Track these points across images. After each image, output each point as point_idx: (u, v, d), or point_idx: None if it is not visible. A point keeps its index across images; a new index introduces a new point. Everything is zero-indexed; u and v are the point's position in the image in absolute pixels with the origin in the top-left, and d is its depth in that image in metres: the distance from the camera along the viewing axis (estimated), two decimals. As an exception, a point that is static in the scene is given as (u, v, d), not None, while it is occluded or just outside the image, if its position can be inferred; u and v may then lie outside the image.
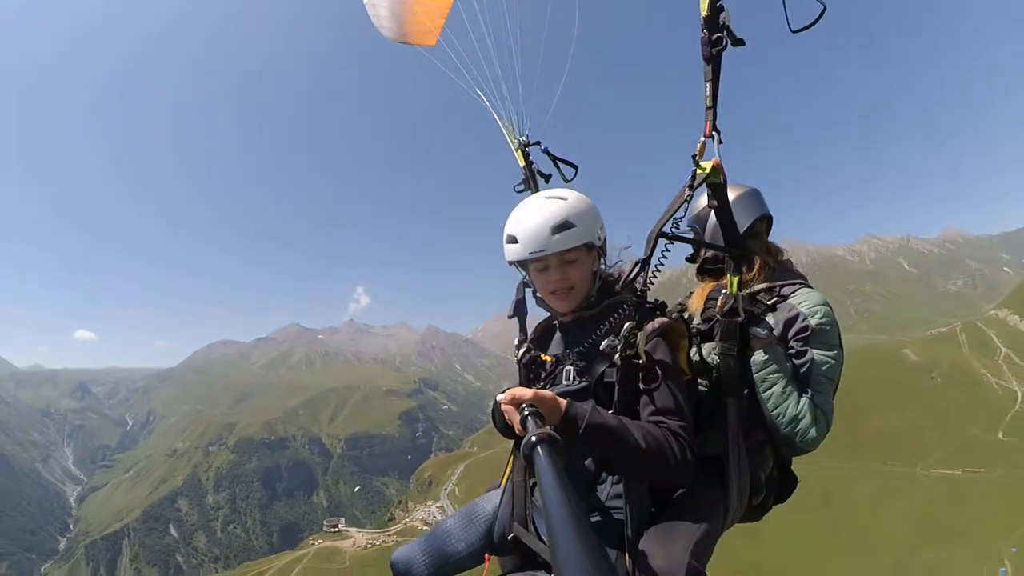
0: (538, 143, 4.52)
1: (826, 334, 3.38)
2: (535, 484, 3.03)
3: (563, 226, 2.92)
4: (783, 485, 3.63)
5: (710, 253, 3.85)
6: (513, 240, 3.02)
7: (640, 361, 2.82)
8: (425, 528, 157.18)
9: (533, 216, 2.98)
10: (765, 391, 3.15)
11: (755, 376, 3.16)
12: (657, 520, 2.80)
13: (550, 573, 2.93)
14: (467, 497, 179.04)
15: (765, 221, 3.99)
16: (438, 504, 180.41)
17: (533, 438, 1.87)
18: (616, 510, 2.83)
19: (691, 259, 4.01)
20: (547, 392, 2.58)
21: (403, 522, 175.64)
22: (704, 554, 2.70)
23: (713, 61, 2.86)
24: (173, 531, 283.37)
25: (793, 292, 3.61)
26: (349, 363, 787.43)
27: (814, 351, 3.32)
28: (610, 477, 2.91)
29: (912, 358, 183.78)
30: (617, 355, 2.81)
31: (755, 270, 3.73)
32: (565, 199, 3.02)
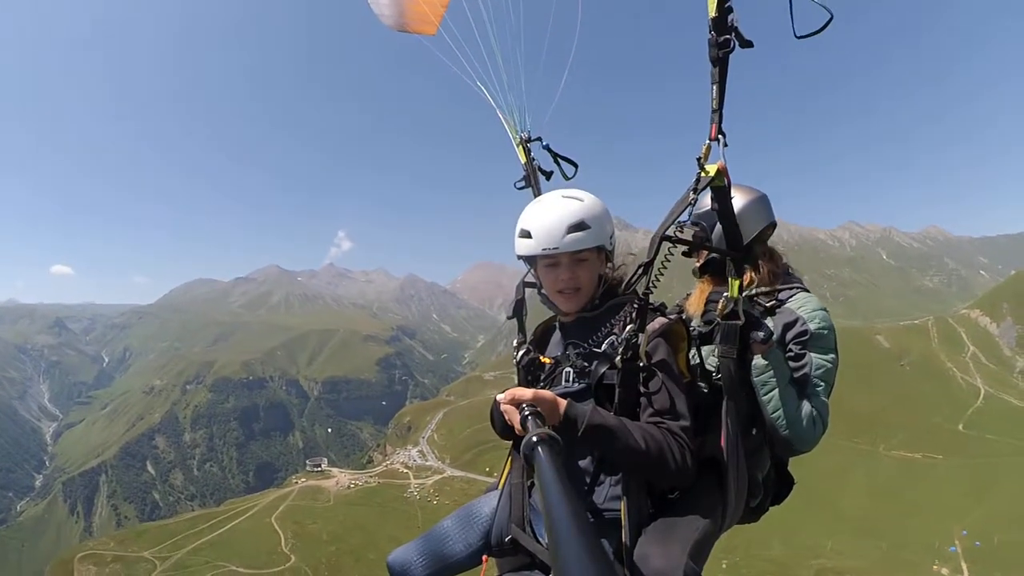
0: (539, 139, 4.49)
1: (824, 338, 3.46)
2: (532, 485, 3.07)
3: (579, 226, 2.93)
4: (780, 486, 3.71)
5: (712, 254, 3.88)
6: (527, 235, 3.02)
7: (640, 363, 2.84)
8: (406, 471, 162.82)
9: (550, 213, 2.99)
10: (765, 394, 3.17)
11: (755, 379, 3.18)
12: (655, 520, 2.83)
13: (548, 574, 2.93)
14: (446, 443, 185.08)
15: (771, 227, 4.00)
16: (417, 448, 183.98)
17: (533, 438, 1.89)
18: (615, 511, 2.84)
19: (688, 254, 3.99)
20: (547, 392, 2.60)
21: (384, 464, 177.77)
22: (702, 555, 2.73)
23: (720, 63, 2.85)
24: (150, 468, 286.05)
25: (792, 296, 3.66)
26: (328, 307, 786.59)
27: (812, 355, 3.39)
28: (609, 478, 2.91)
29: (884, 345, 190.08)
30: (618, 357, 2.83)
31: (760, 275, 3.79)
32: (582, 200, 3.04)
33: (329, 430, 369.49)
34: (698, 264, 4.07)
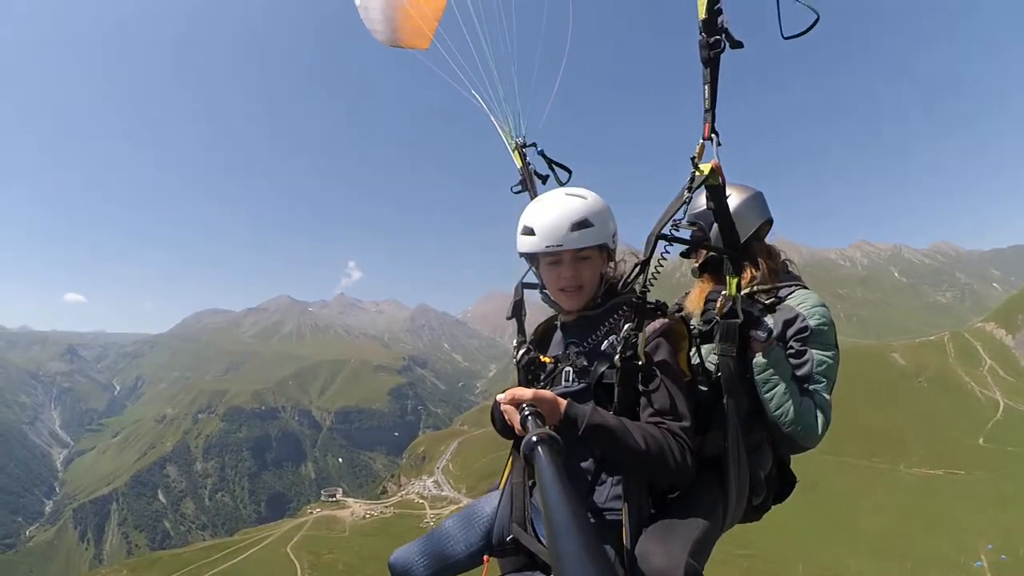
0: (534, 145, 4.49)
1: (824, 334, 3.45)
2: (533, 485, 3.03)
3: (582, 224, 2.94)
4: (782, 484, 3.70)
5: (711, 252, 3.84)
6: (530, 232, 3.02)
7: (640, 362, 2.82)
8: (421, 501, 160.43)
9: (553, 210, 3.00)
10: (767, 392, 3.16)
11: (757, 377, 3.17)
12: (656, 520, 2.82)
13: (549, 574, 2.98)
14: (462, 472, 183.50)
15: (768, 224, 4.02)
16: (433, 479, 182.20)
17: (533, 438, 1.88)
18: (615, 511, 2.83)
19: (686, 255, 3.99)
20: (547, 392, 2.60)
21: (399, 495, 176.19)
22: (703, 553, 2.73)
23: (711, 64, 2.86)
24: (161, 497, 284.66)
25: (791, 293, 3.68)
26: (339, 337, 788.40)
27: (813, 351, 3.39)
28: (609, 478, 2.91)
29: (900, 362, 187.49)
30: (617, 356, 2.82)
31: (758, 273, 3.80)
32: (586, 198, 3.05)
33: (340, 460, 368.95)
34: (696, 264, 4.03)
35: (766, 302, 3.47)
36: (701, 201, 3.68)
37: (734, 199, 3.60)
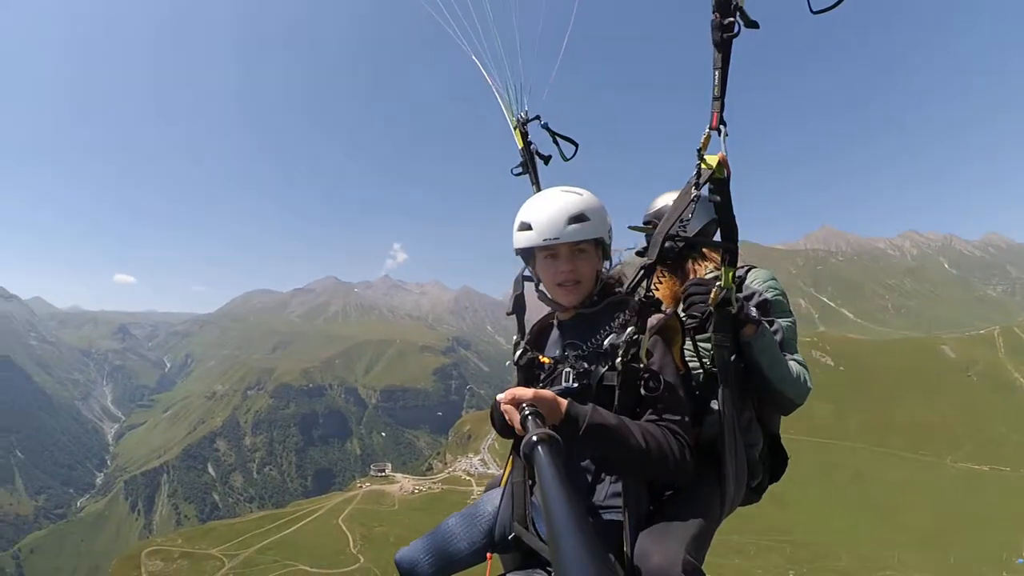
0: (537, 118, 4.40)
1: (781, 304, 3.68)
2: (534, 484, 3.06)
3: (579, 218, 2.95)
4: (775, 462, 3.71)
5: (667, 244, 3.56)
6: (527, 227, 3.03)
7: (641, 364, 2.84)
8: (468, 478, 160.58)
9: (550, 205, 3.01)
10: (770, 367, 3.23)
11: (759, 357, 3.22)
12: (654, 518, 2.83)
13: (550, 571, 2.96)
14: (507, 451, 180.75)
15: (714, 223, 3.79)
16: (479, 457, 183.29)
17: (533, 438, 1.87)
18: (614, 509, 2.85)
19: (641, 253, 3.70)
20: (547, 392, 2.59)
21: (447, 471, 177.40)
22: (701, 548, 2.74)
23: (723, 47, 2.73)
24: (211, 470, 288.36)
25: (746, 273, 3.85)
26: (384, 317, 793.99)
27: (779, 320, 3.56)
28: (609, 476, 2.93)
29: (950, 355, 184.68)
30: (619, 360, 2.82)
31: (707, 263, 3.91)
32: (581, 194, 3.06)
33: (384, 434, 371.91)
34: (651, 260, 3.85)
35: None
36: (658, 201, 3.87)
37: (685, 199, 3.52)
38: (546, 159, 4.37)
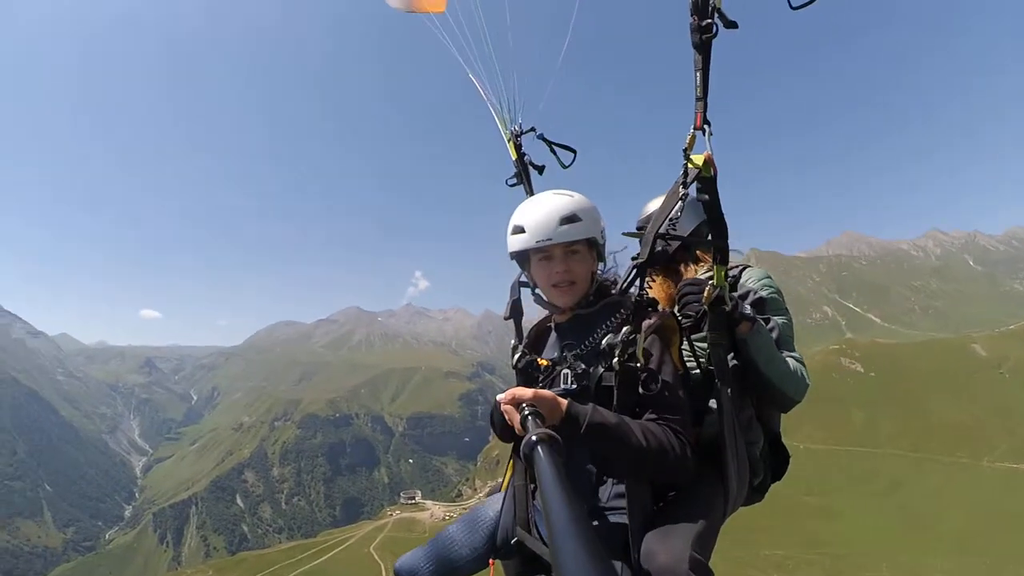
0: (532, 129, 4.47)
1: (776, 301, 3.67)
2: (536, 488, 2.98)
3: (571, 219, 2.97)
4: (776, 461, 3.70)
5: (659, 247, 3.69)
6: (520, 230, 3.05)
7: (639, 364, 2.83)
8: None
9: (542, 207, 3.04)
10: (767, 365, 3.22)
11: (755, 355, 3.21)
12: (658, 518, 2.82)
13: None
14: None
15: (706, 225, 3.67)
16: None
17: (533, 438, 1.88)
18: (618, 510, 2.85)
19: (636, 257, 3.61)
20: (547, 392, 2.58)
21: (476, 497, 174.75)
22: (706, 546, 2.73)
23: (703, 49, 2.76)
24: (239, 501, 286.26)
25: (740, 272, 3.87)
26: (408, 345, 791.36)
27: (775, 318, 3.54)
28: (611, 478, 2.94)
29: (981, 353, 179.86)
30: (616, 359, 2.82)
31: (700, 265, 3.95)
32: (572, 196, 3.08)
33: (411, 461, 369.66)
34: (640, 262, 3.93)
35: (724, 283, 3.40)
36: (650, 206, 3.86)
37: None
38: (540, 169, 4.42)
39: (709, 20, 2.69)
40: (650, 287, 3.80)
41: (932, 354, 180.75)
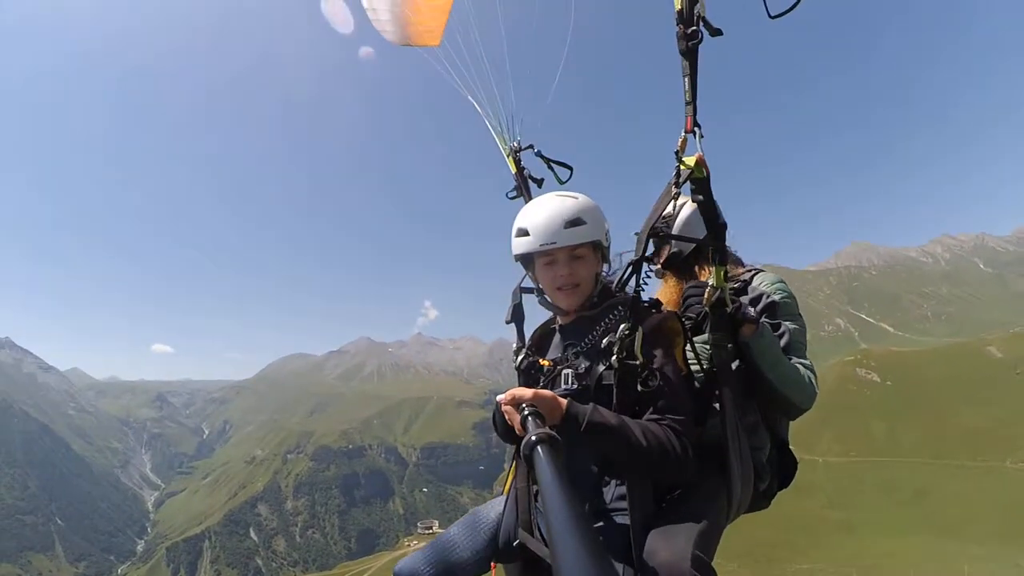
0: (531, 147, 4.58)
1: (789, 306, 3.65)
2: (538, 490, 2.50)
3: (575, 222, 2.98)
4: (783, 467, 3.69)
5: (674, 249, 4.01)
6: (524, 233, 3.06)
7: (638, 361, 2.83)
8: None
9: (546, 210, 3.04)
10: (770, 368, 3.21)
11: (758, 359, 3.21)
12: (660, 517, 2.81)
13: None
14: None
15: (723, 228, 3.71)
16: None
17: (533, 438, 1.87)
18: (620, 511, 2.84)
19: (648, 259, 3.53)
20: (547, 392, 2.59)
21: None
22: (709, 545, 2.73)
23: (690, 55, 2.81)
24: (253, 535, 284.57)
25: (752, 276, 3.88)
26: (419, 375, 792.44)
27: (786, 323, 3.53)
28: (614, 479, 2.93)
29: (996, 355, 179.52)
30: (615, 356, 2.83)
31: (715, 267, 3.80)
32: (577, 198, 3.09)
33: (425, 490, 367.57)
34: (659, 263, 4.14)
35: (734, 286, 3.52)
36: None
37: (688, 203, 3.84)
38: (539, 182, 4.52)
39: (694, 28, 2.75)
40: (652, 277, 3.72)
41: (948, 360, 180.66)
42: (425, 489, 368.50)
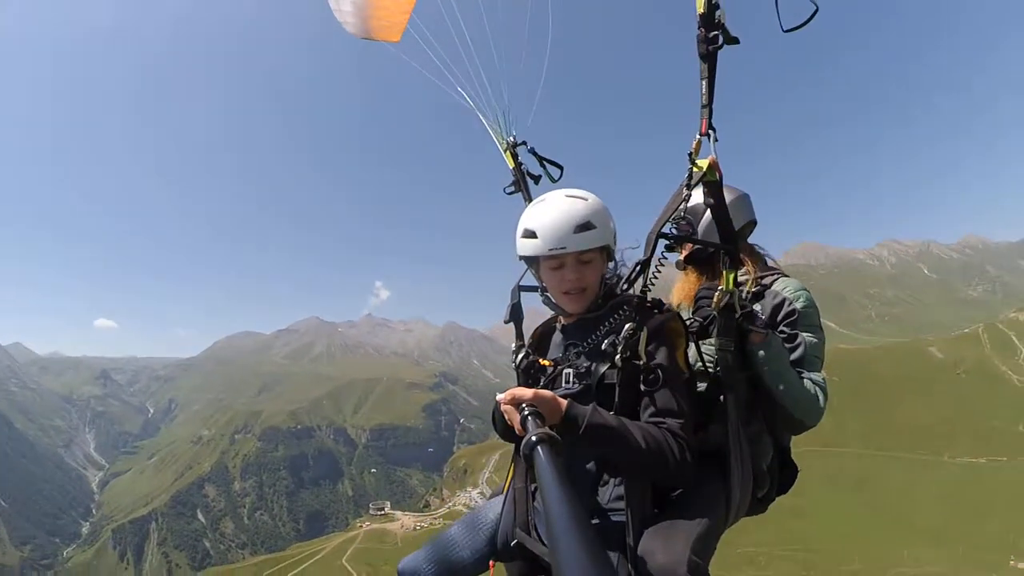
0: (524, 143, 4.55)
1: (810, 316, 3.56)
2: (536, 489, 3.05)
3: (585, 226, 2.92)
4: (784, 474, 3.68)
5: (698, 245, 3.97)
6: (531, 235, 3.00)
7: (640, 362, 2.82)
8: (469, 511, 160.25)
9: (555, 212, 2.97)
10: (773, 379, 3.17)
11: (763, 368, 3.17)
12: (659, 519, 2.80)
13: None
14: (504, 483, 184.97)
15: (751, 225, 4.10)
16: (477, 490, 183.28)
17: (533, 438, 1.87)
18: (618, 511, 2.84)
19: (671, 247, 3.65)
20: (547, 392, 2.58)
21: (446, 506, 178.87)
22: (706, 549, 2.72)
23: (709, 59, 2.84)
24: (200, 517, 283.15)
25: (774, 281, 3.78)
26: (369, 356, 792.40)
27: (804, 334, 3.47)
28: (612, 479, 2.92)
29: (938, 356, 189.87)
30: (617, 356, 2.82)
31: (742, 268, 3.79)
32: (586, 200, 3.03)
33: (374, 471, 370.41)
34: (682, 256, 4.11)
35: (752, 290, 3.39)
36: (693, 196, 3.58)
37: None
38: (536, 178, 4.50)
39: (716, 32, 2.77)
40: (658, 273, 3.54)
41: (892, 358, 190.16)
42: (374, 470, 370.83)
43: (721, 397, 3.15)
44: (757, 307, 3.37)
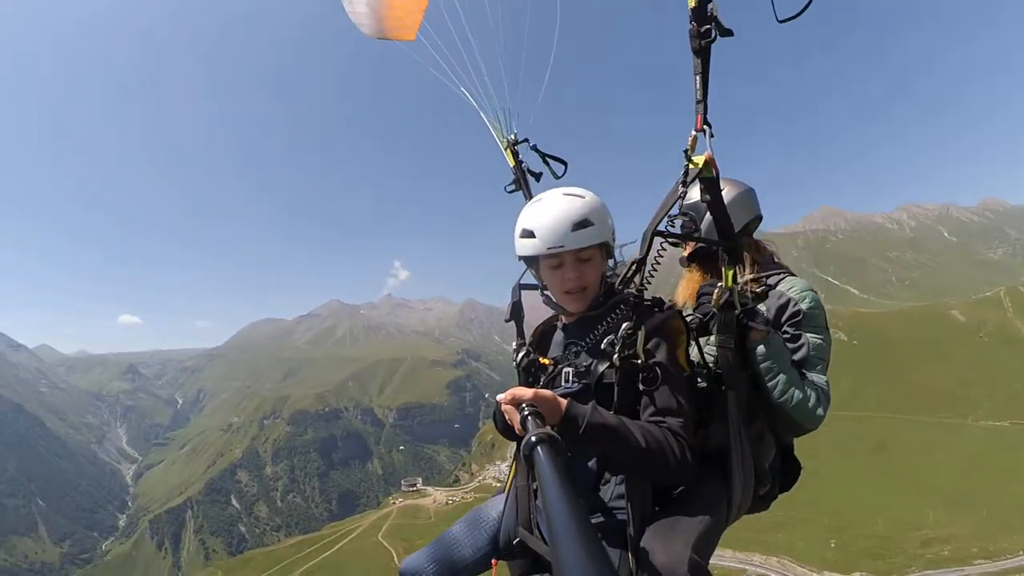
0: (526, 140, 4.49)
1: (816, 317, 3.53)
2: (538, 489, 2.51)
3: (583, 224, 2.90)
4: (786, 472, 3.68)
5: (701, 244, 3.93)
6: (529, 235, 2.98)
7: (639, 361, 2.81)
8: (499, 484, 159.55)
9: (553, 211, 2.95)
10: (771, 379, 3.15)
11: (760, 366, 3.15)
12: (660, 518, 2.80)
13: None
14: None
15: (757, 220, 4.05)
16: (506, 463, 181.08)
17: (533, 438, 1.87)
18: (619, 510, 2.83)
19: (675, 244, 3.85)
20: (547, 392, 2.56)
21: (477, 480, 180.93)
22: (706, 548, 2.72)
23: (702, 53, 2.81)
24: (235, 502, 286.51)
25: (779, 280, 3.78)
26: (391, 336, 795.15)
27: (808, 335, 3.44)
28: (613, 478, 2.91)
29: (959, 319, 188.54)
30: (616, 355, 2.80)
31: (746, 266, 3.83)
32: (584, 197, 3.01)
33: (402, 448, 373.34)
34: (686, 253, 4.07)
35: (757, 290, 3.35)
36: (694, 193, 3.53)
37: (725, 194, 3.52)
38: (537, 176, 4.44)
39: (708, 26, 2.74)
40: (654, 269, 3.52)
41: (913, 322, 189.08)
42: (402, 448, 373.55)
43: (723, 395, 3.12)
44: (762, 307, 3.31)
